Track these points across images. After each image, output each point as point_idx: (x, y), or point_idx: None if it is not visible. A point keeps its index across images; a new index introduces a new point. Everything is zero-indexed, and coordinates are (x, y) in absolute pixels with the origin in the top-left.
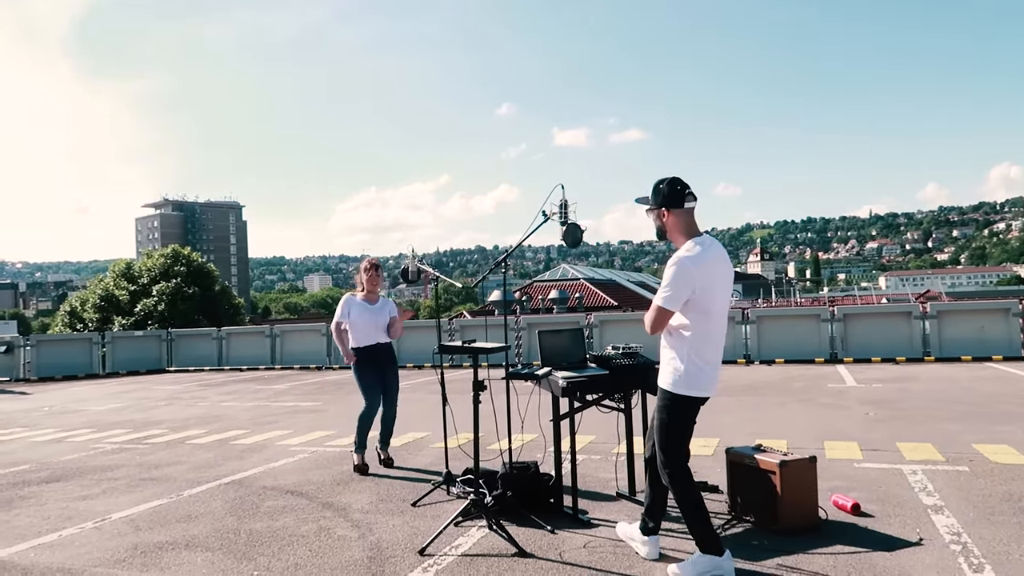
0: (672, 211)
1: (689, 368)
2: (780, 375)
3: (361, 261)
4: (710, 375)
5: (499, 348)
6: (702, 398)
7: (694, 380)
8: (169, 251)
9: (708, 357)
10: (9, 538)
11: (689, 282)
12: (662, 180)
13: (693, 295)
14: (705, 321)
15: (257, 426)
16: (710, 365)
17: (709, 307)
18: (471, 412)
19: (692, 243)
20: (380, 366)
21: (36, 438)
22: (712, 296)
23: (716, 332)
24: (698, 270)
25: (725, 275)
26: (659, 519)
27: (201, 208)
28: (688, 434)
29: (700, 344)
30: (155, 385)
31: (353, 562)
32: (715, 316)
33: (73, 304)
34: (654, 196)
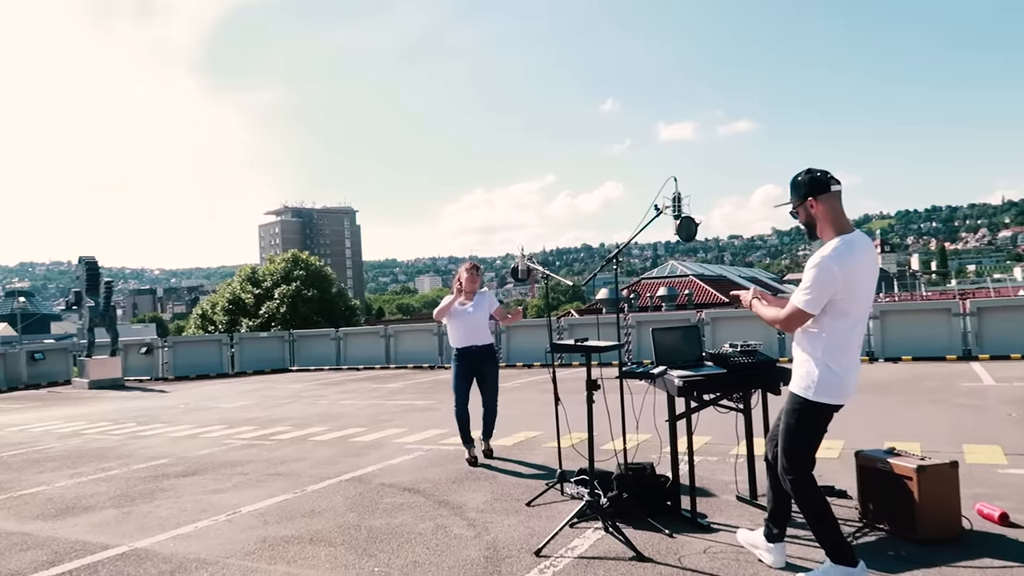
0: (820, 198)
1: (824, 373)
2: (908, 373)
3: (468, 261)
4: (846, 381)
5: (612, 347)
6: (836, 405)
7: (829, 386)
8: (289, 256)
9: (844, 362)
10: (152, 528)
11: (832, 285)
12: (798, 173)
13: (834, 298)
14: (843, 324)
15: (374, 424)
16: (846, 371)
17: (848, 310)
18: (582, 411)
19: (839, 240)
20: (474, 367)
21: (174, 433)
22: (854, 299)
23: (855, 336)
24: (843, 272)
25: (870, 275)
26: (784, 524)
27: (318, 214)
28: (817, 442)
29: (837, 349)
30: (279, 384)
31: (470, 561)
32: (854, 319)
33: (204, 307)
34: (795, 191)
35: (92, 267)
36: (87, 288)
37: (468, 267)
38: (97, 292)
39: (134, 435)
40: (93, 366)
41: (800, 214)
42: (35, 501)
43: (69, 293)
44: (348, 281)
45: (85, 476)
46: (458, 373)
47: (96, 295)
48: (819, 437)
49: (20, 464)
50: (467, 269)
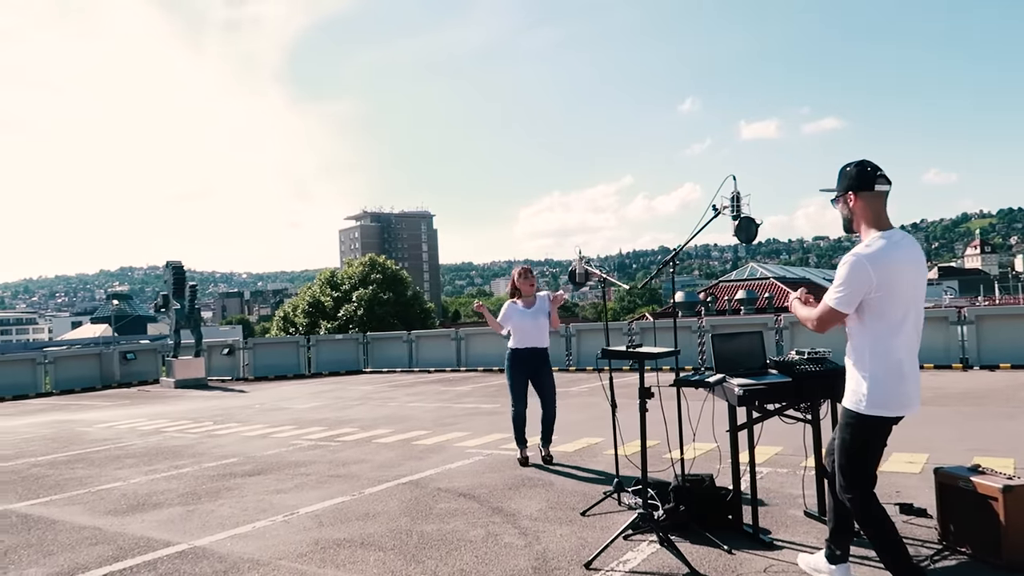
0: (860, 195)
1: (873, 384)
2: (1006, 382)
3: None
4: (900, 391)
5: (667, 353)
6: (892, 418)
7: (880, 397)
8: (367, 260)
9: (894, 370)
10: (212, 527)
11: (865, 281)
12: (849, 163)
13: (869, 297)
14: (884, 328)
15: (438, 427)
16: (898, 379)
17: (886, 312)
18: (646, 420)
19: (876, 236)
20: (531, 369)
21: (246, 433)
22: (892, 300)
23: (903, 341)
24: (876, 269)
25: (913, 276)
26: (847, 544)
27: (396, 219)
28: (874, 458)
29: (883, 355)
30: (351, 385)
31: (517, 572)
32: (897, 322)
33: (286, 310)
34: (840, 181)
35: (178, 271)
36: (173, 291)
37: (519, 271)
38: (183, 295)
39: (209, 434)
40: (179, 366)
41: (840, 205)
42: (110, 496)
43: (158, 296)
44: (425, 284)
45: (159, 473)
46: (513, 375)
47: (182, 298)
48: (877, 453)
49: (102, 460)
50: (519, 273)
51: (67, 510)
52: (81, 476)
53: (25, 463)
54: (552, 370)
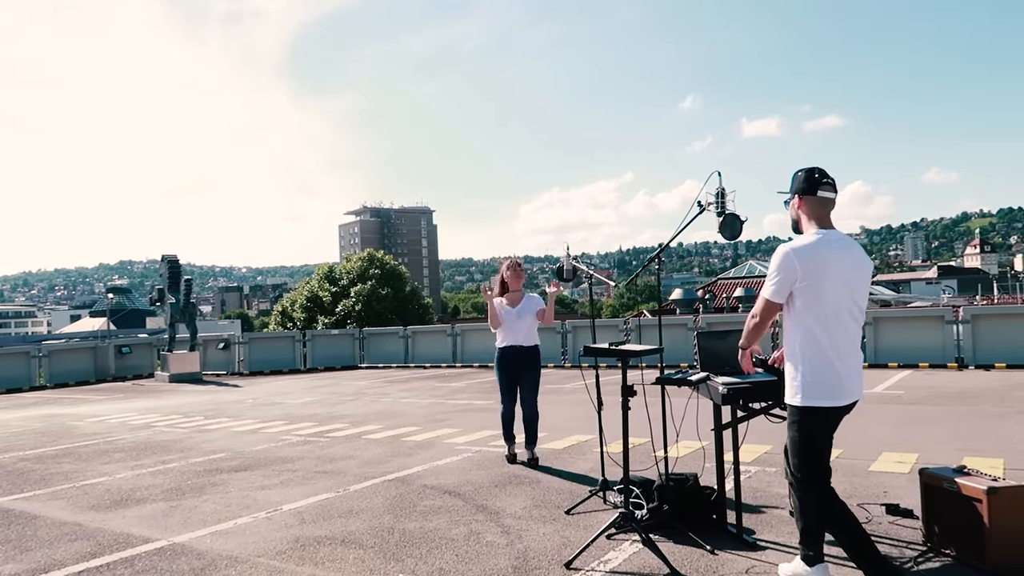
0: (805, 199)
1: (806, 376)
2: (1000, 382)
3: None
4: (833, 383)
5: (650, 351)
6: (831, 408)
7: (814, 390)
8: (365, 255)
9: (826, 363)
10: (193, 523)
11: (791, 271)
12: (801, 169)
13: (796, 288)
14: (815, 321)
15: (429, 423)
16: (829, 371)
17: (814, 307)
18: (632, 417)
19: (811, 233)
20: (515, 369)
21: (236, 428)
22: (821, 294)
23: (834, 335)
24: (803, 261)
25: (843, 273)
26: (818, 545)
27: (396, 214)
28: (822, 452)
29: (816, 348)
30: (346, 381)
31: (497, 571)
32: (827, 316)
33: (284, 305)
34: (791, 185)
35: (174, 265)
36: (169, 285)
37: (509, 264)
38: (178, 289)
39: (199, 428)
40: (174, 360)
41: (789, 207)
42: (94, 491)
43: (153, 290)
44: (424, 280)
45: (145, 468)
46: (501, 375)
47: (177, 292)
48: (822, 446)
49: (90, 454)
50: (508, 267)
51: (50, 505)
52: (67, 471)
53: (12, 457)
54: (539, 369)
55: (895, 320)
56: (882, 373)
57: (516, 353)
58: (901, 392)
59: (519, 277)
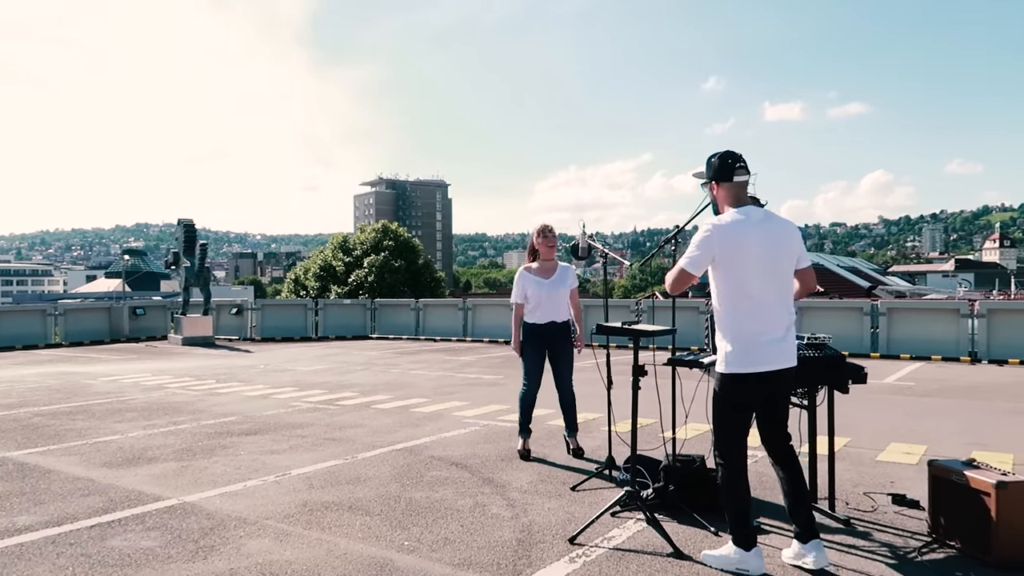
0: (721, 184)
1: (731, 345)
2: (1013, 378)
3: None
4: (751, 351)
5: (662, 331)
6: (750, 375)
7: (733, 357)
8: (379, 226)
9: (745, 332)
10: (203, 483)
11: (708, 247)
12: (715, 153)
13: (715, 262)
14: (734, 293)
15: (438, 395)
16: (748, 341)
17: (733, 279)
18: (640, 397)
19: (730, 211)
20: (549, 346)
21: (247, 392)
22: (739, 267)
23: (753, 307)
24: (721, 236)
25: (763, 247)
26: (806, 520)
27: (411, 186)
28: (739, 422)
29: (734, 319)
30: (356, 350)
31: (501, 543)
32: (746, 289)
33: (298, 273)
34: (707, 170)
35: (190, 229)
36: (184, 249)
37: (540, 231)
38: (193, 253)
39: (211, 392)
40: (187, 324)
41: (708, 193)
42: (107, 449)
43: (168, 253)
44: (437, 254)
45: (157, 428)
46: (531, 352)
47: (192, 256)
48: (741, 417)
49: (103, 413)
50: (540, 233)
51: (63, 460)
52: (80, 428)
53: (27, 412)
54: (573, 347)
55: (909, 311)
56: (893, 364)
57: (549, 329)
58: (912, 384)
59: (552, 246)
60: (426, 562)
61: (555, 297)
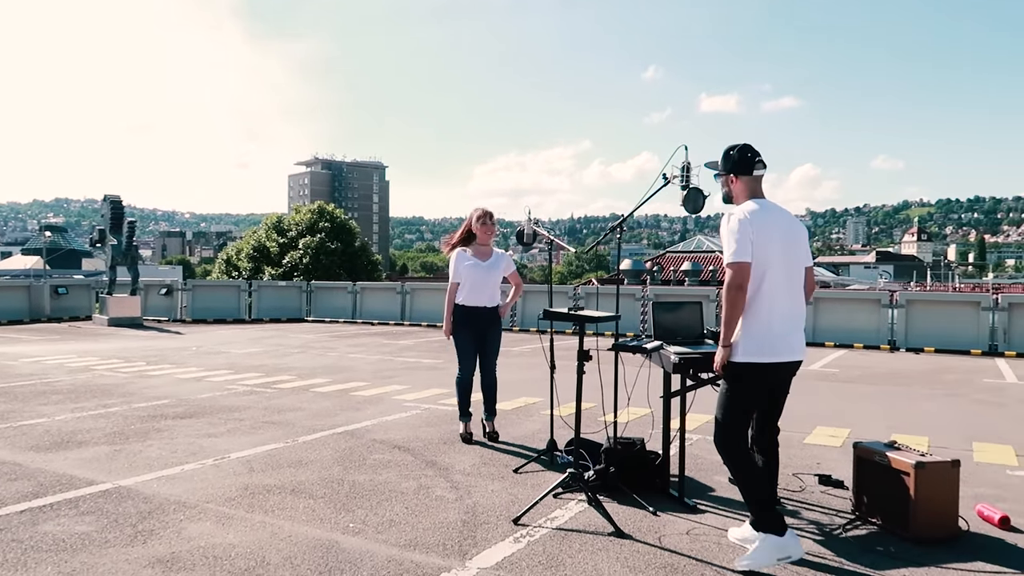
0: (740, 177)
1: (745, 333)
2: (929, 365)
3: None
4: (770, 341)
5: (608, 317)
6: (764, 365)
7: (751, 346)
8: (315, 207)
9: (765, 321)
10: (139, 467)
11: (746, 231)
12: (733, 146)
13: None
14: (763, 282)
15: (378, 379)
16: (768, 330)
17: (765, 266)
18: (582, 382)
19: (750, 202)
20: (479, 329)
21: (180, 375)
22: (768, 253)
23: (775, 296)
24: (754, 224)
25: (785, 237)
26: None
27: (348, 167)
28: (747, 409)
29: (755, 308)
30: (292, 333)
31: (446, 524)
32: (769, 278)
33: (230, 253)
34: (724, 162)
35: (116, 206)
36: (111, 227)
37: (480, 215)
38: (121, 231)
39: (141, 374)
40: (113, 304)
41: (722, 185)
42: (33, 432)
43: (94, 230)
44: (374, 236)
45: (86, 411)
46: (463, 335)
47: (119, 234)
48: (750, 404)
49: (27, 395)
50: (479, 217)
51: None
52: (3, 411)
53: None
54: (501, 331)
55: (834, 301)
56: (819, 351)
57: (481, 313)
58: (836, 371)
59: (489, 231)
60: (372, 544)
61: (488, 280)
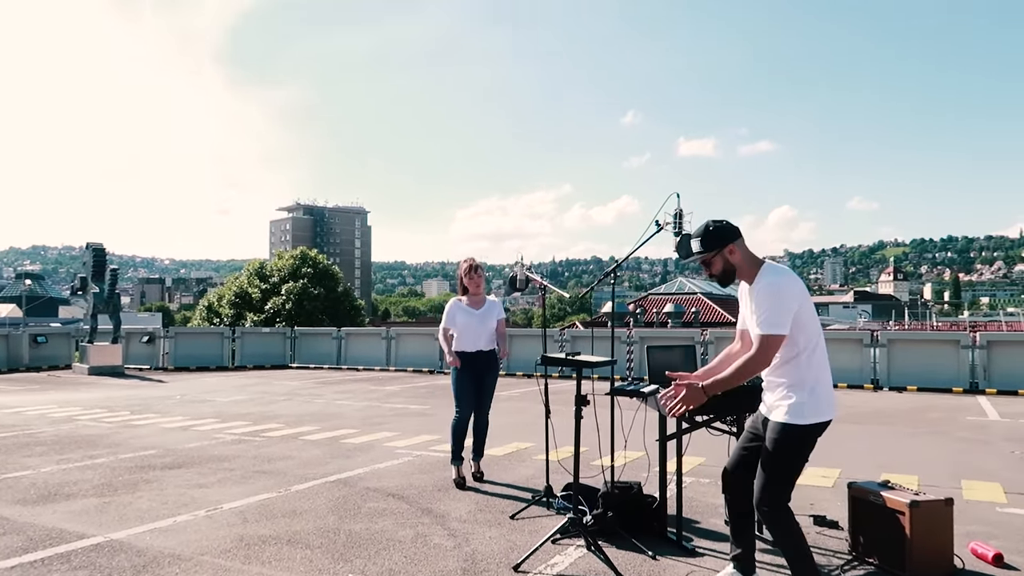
0: (737, 244)
1: (812, 395)
2: (912, 404)
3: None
4: (830, 397)
5: (604, 362)
6: (826, 423)
7: (820, 405)
8: (298, 253)
9: (825, 379)
10: (130, 520)
11: (791, 301)
12: (710, 223)
13: (796, 314)
14: (815, 340)
15: (367, 426)
16: (827, 386)
17: (811, 325)
18: (574, 425)
19: (769, 265)
20: (478, 373)
21: (166, 425)
22: (808, 317)
23: (824, 356)
24: (797, 287)
25: (808, 296)
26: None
27: (329, 212)
28: (801, 469)
29: (818, 365)
30: (277, 380)
31: (446, 572)
32: (817, 335)
33: (211, 299)
34: (714, 239)
35: (99, 253)
36: (93, 274)
37: (467, 267)
38: (103, 278)
39: (126, 424)
40: (94, 352)
41: (716, 263)
42: (18, 486)
43: (75, 278)
44: (356, 281)
45: (71, 463)
46: (463, 379)
47: (101, 281)
48: (804, 464)
49: (9, 447)
50: (466, 272)
51: None
52: None
53: None
54: (497, 375)
55: None
56: None
57: (481, 358)
58: None
59: (477, 281)
60: None
61: (484, 327)
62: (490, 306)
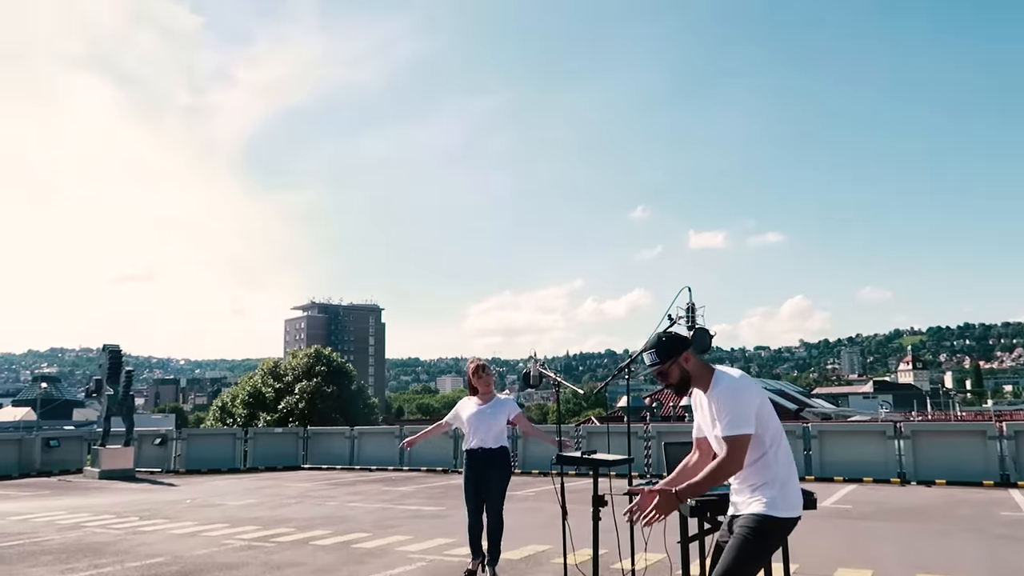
0: (691, 352)
1: (784, 489)
2: (942, 498)
3: (491, 363)
4: (799, 494)
5: (621, 461)
6: (794, 519)
7: (791, 501)
8: (312, 351)
9: (792, 474)
10: None
11: (752, 400)
12: (662, 334)
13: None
14: (778, 438)
15: (380, 529)
16: (796, 485)
17: (772, 422)
18: (591, 526)
19: (721, 370)
20: (479, 472)
21: (174, 530)
22: (771, 411)
23: (787, 447)
24: (752, 388)
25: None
26: None
27: (344, 311)
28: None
29: (784, 461)
30: (289, 482)
31: None
32: (780, 431)
33: (224, 400)
34: (669, 349)
35: (115, 355)
36: (108, 376)
37: (474, 368)
38: (118, 380)
39: (134, 530)
40: (106, 456)
41: (672, 373)
42: None
43: (91, 380)
44: (370, 379)
45: (77, 572)
46: (468, 478)
47: (116, 383)
48: (765, 562)
49: (14, 557)
50: (473, 372)
51: None
52: None
53: None
54: (509, 472)
55: (839, 434)
56: (829, 487)
57: (481, 455)
58: (849, 506)
59: (486, 381)
60: None
61: (491, 424)
62: (497, 402)
